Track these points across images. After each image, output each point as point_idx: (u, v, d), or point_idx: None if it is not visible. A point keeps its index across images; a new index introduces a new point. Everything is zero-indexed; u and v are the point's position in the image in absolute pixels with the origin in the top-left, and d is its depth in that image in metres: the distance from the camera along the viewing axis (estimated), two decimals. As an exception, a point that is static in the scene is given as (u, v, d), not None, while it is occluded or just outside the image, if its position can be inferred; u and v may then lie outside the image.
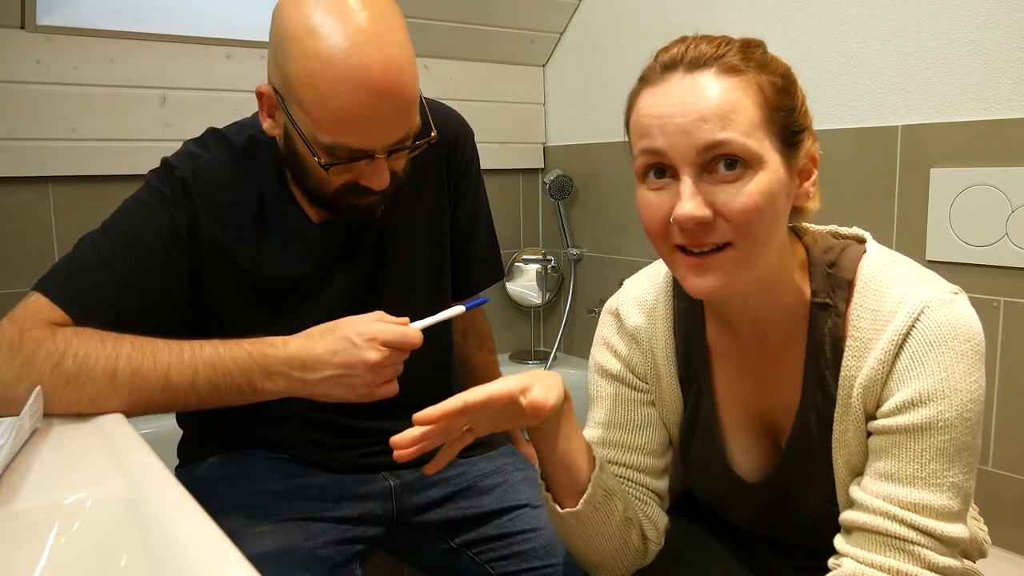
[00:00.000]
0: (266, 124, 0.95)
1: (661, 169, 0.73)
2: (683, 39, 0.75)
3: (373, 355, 0.86)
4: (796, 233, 0.83)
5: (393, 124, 0.89)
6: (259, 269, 1.00)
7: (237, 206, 0.99)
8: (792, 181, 0.75)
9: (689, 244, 0.73)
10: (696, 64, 0.72)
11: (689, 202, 0.70)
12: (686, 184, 0.71)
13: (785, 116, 0.73)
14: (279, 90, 0.90)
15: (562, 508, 0.84)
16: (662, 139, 0.72)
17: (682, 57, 0.73)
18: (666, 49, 0.75)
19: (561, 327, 2.29)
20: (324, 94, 0.85)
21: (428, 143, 0.95)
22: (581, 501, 0.83)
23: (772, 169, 0.72)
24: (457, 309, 0.94)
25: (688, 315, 0.88)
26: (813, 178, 0.78)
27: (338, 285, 1.04)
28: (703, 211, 0.70)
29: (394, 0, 0.90)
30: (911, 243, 1.49)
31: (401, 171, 0.97)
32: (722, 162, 0.70)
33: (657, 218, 0.74)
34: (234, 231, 0.99)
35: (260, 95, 0.93)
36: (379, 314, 0.90)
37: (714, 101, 0.70)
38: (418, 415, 0.72)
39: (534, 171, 2.37)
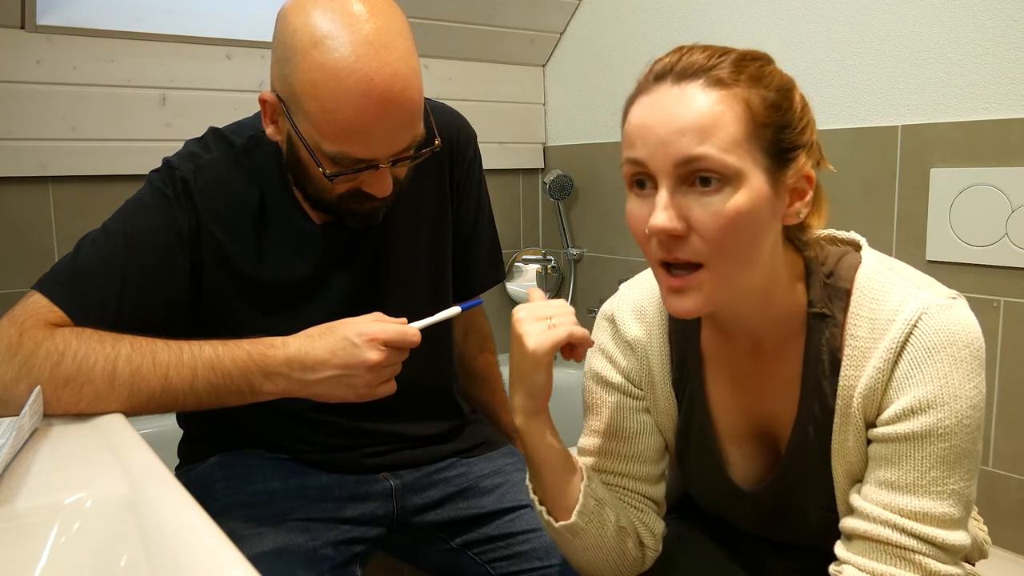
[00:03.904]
0: (269, 130, 0.95)
1: (643, 179, 0.73)
2: (679, 48, 0.74)
3: (373, 355, 0.86)
4: (795, 244, 0.81)
5: (397, 134, 0.89)
6: (260, 270, 1.00)
7: (238, 207, 0.99)
8: (779, 199, 0.73)
9: (665, 257, 0.73)
10: (684, 75, 0.71)
11: (662, 213, 0.70)
12: (661, 195, 0.71)
13: (774, 133, 0.72)
14: (283, 98, 0.90)
15: (556, 521, 0.84)
16: (643, 150, 0.71)
17: (672, 67, 0.72)
18: (661, 58, 0.75)
19: (561, 327, 2.29)
20: (329, 106, 0.85)
21: (432, 151, 0.95)
22: (574, 512, 0.83)
23: (753, 187, 0.70)
24: (453, 310, 0.95)
25: (683, 321, 0.87)
26: (807, 198, 0.75)
27: (339, 286, 1.04)
28: (673, 223, 0.70)
29: (399, 8, 0.91)
30: (911, 243, 1.49)
31: (404, 178, 0.97)
32: (700, 176, 0.70)
33: (639, 229, 0.74)
34: (235, 232, 0.99)
35: (263, 102, 0.93)
36: (377, 315, 0.90)
37: (695, 114, 0.69)
38: None
39: (534, 171, 2.37)
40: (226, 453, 1.09)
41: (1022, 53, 1.34)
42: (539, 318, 0.80)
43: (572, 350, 0.82)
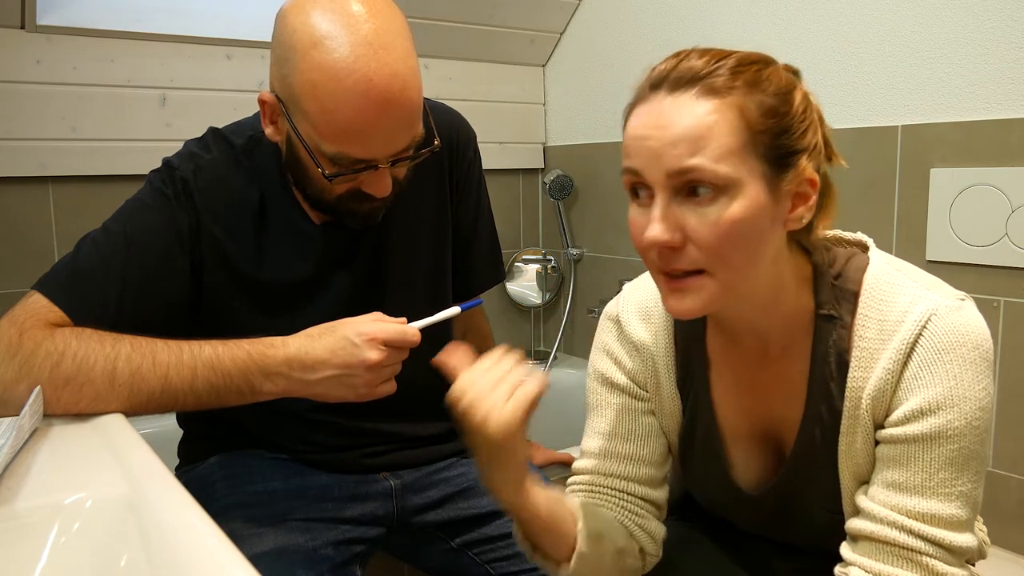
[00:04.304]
0: (268, 131, 0.95)
1: (641, 189, 0.73)
2: (676, 55, 0.73)
3: (373, 355, 0.86)
4: (804, 245, 0.80)
5: (397, 135, 0.89)
6: (260, 270, 1.00)
7: (238, 207, 0.99)
8: (779, 204, 0.72)
9: (663, 268, 0.73)
10: (679, 84, 0.70)
11: (656, 225, 0.70)
12: (656, 207, 0.71)
13: (771, 139, 0.70)
14: (282, 99, 0.90)
15: (557, 567, 0.82)
16: (638, 160, 0.71)
17: (668, 75, 0.72)
18: (657, 65, 0.74)
19: (561, 327, 2.29)
20: (328, 107, 0.85)
21: (432, 151, 0.95)
22: (573, 559, 0.81)
23: (749, 195, 0.69)
24: (453, 310, 0.95)
25: (688, 323, 0.86)
26: (810, 202, 0.74)
27: (339, 286, 1.04)
28: (667, 236, 0.70)
29: (398, 8, 0.91)
30: (911, 243, 1.49)
31: (403, 178, 0.97)
32: (694, 187, 0.69)
33: (639, 237, 0.74)
34: (235, 232, 0.99)
35: (262, 103, 0.93)
36: (377, 314, 0.90)
37: (686, 125, 0.69)
38: None
39: (534, 171, 2.37)
40: (226, 453, 1.09)
41: (1022, 53, 1.34)
42: (491, 387, 0.73)
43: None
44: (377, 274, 1.07)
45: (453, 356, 0.77)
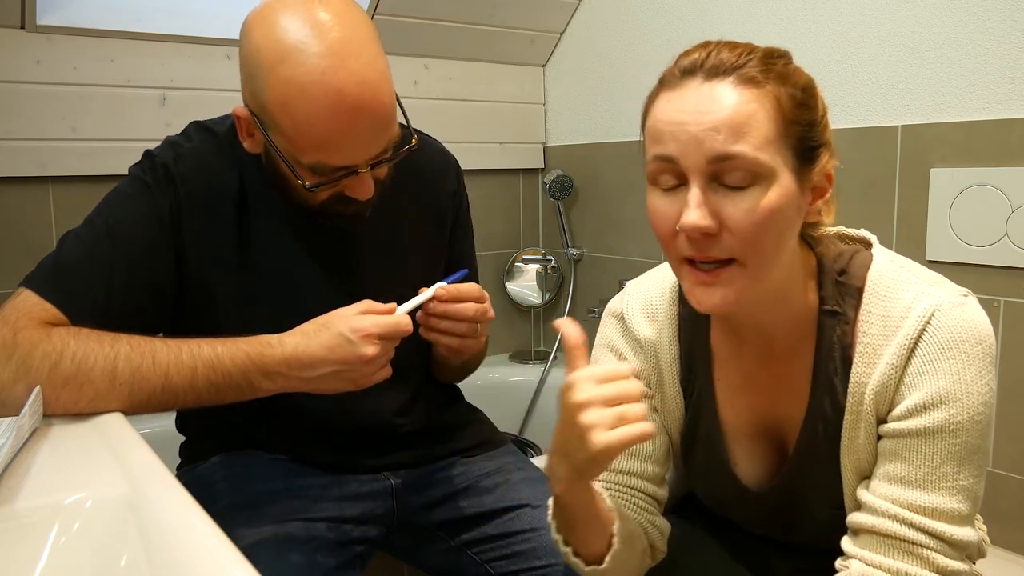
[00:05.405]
0: (247, 144, 0.96)
1: (670, 176, 0.73)
2: (705, 44, 0.74)
3: (369, 351, 0.87)
4: (807, 242, 0.81)
5: (372, 139, 0.90)
6: (242, 258, 1.00)
7: (219, 193, 0.99)
8: (804, 197, 0.74)
9: (695, 256, 0.72)
10: (715, 72, 0.71)
11: (695, 211, 0.70)
12: (694, 193, 0.70)
13: (802, 130, 0.72)
14: (256, 114, 0.90)
15: (586, 565, 0.80)
16: (674, 145, 0.71)
17: (702, 64, 0.72)
18: (687, 53, 0.74)
19: (561, 327, 2.29)
20: (301, 121, 0.86)
21: (410, 150, 0.95)
22: (608, 558, 0.79)
23: (783, 184, 0.71)
24: (438, 286, 0.95)
25: (692, 320, 0.87)
26: (827, 196, 0.76)
27: (321, 274, 1.04)
28: (708, 221, 0.70)
29: (361, 9, 0.90)
30: (911, 243, 1.49)
31: (385, 178, 0.97)
32: (732, 174, 0.70)
33: (666, 226, 0.73)
34: (216, 218, 0.99)
35: (238, 118, 0.94)
36: (366, 304, 0.90)
37: (728, 112, 0.69)
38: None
39: (534, 171, 2.37)
40: (227, 453, 1.09)
41: (1022, 53, 1.34)
42: (607, 402, 0.68)
43: None
44: (360, 260, 1.07)
45: (567, 327, 0.73)
